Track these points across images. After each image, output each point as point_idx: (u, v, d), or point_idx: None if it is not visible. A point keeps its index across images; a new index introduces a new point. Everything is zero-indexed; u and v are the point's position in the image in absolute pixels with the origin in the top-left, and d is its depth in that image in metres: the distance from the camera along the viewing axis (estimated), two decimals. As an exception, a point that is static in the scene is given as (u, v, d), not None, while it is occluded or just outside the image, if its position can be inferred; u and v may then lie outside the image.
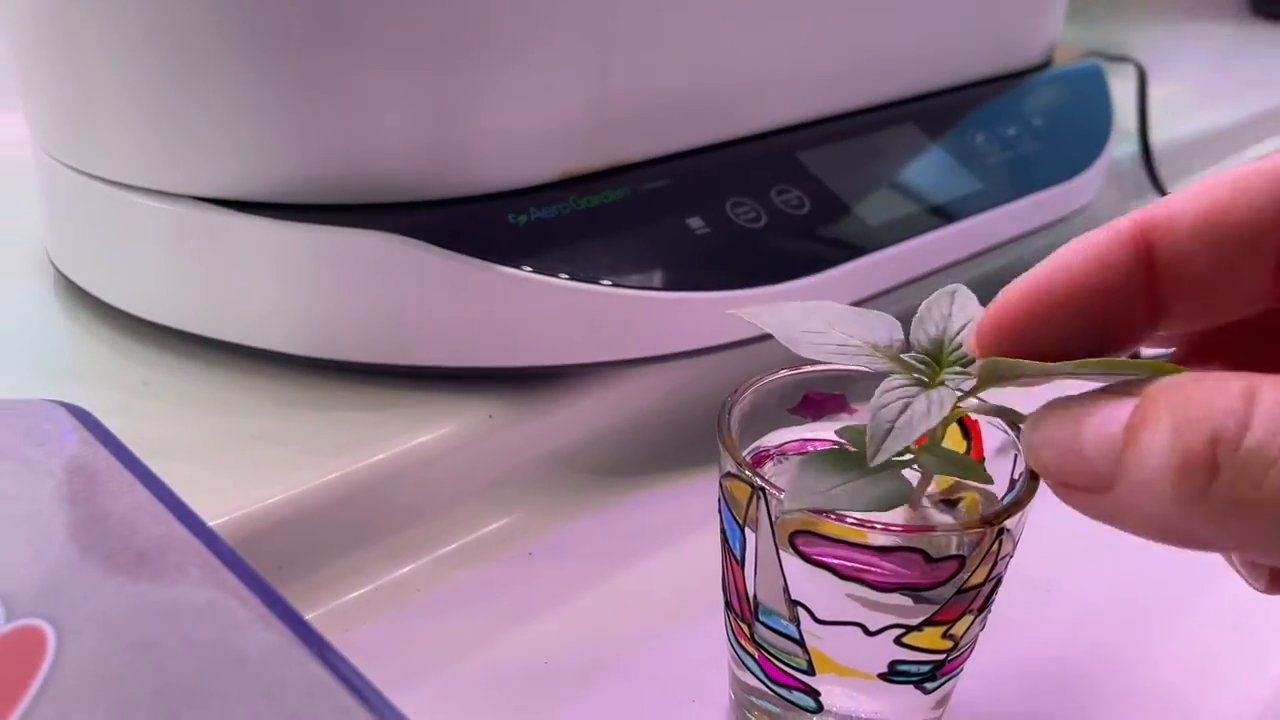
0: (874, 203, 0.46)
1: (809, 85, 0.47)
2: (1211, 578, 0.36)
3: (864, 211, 0.45)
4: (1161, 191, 0.66)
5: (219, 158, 0.36)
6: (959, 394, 0.23)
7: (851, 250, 0.43)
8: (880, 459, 0.22)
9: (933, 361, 0.25)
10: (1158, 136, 0.67)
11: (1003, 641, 0.32)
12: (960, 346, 0.25)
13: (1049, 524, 0.36)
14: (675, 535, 0.36)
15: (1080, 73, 0.60)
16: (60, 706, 0.17)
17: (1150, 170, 0.65)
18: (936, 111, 0.52)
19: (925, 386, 0.24)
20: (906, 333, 0.27)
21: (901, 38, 0.50)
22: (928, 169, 0.49)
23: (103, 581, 0.19)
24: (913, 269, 0.45)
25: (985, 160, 0.51)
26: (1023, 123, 0.54)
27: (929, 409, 0.23)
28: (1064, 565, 0.36)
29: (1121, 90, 0.68)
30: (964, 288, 0.27)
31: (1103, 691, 0.32)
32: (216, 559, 0.20)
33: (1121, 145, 0.67)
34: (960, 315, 0.26)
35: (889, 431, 0.23)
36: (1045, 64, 0.61)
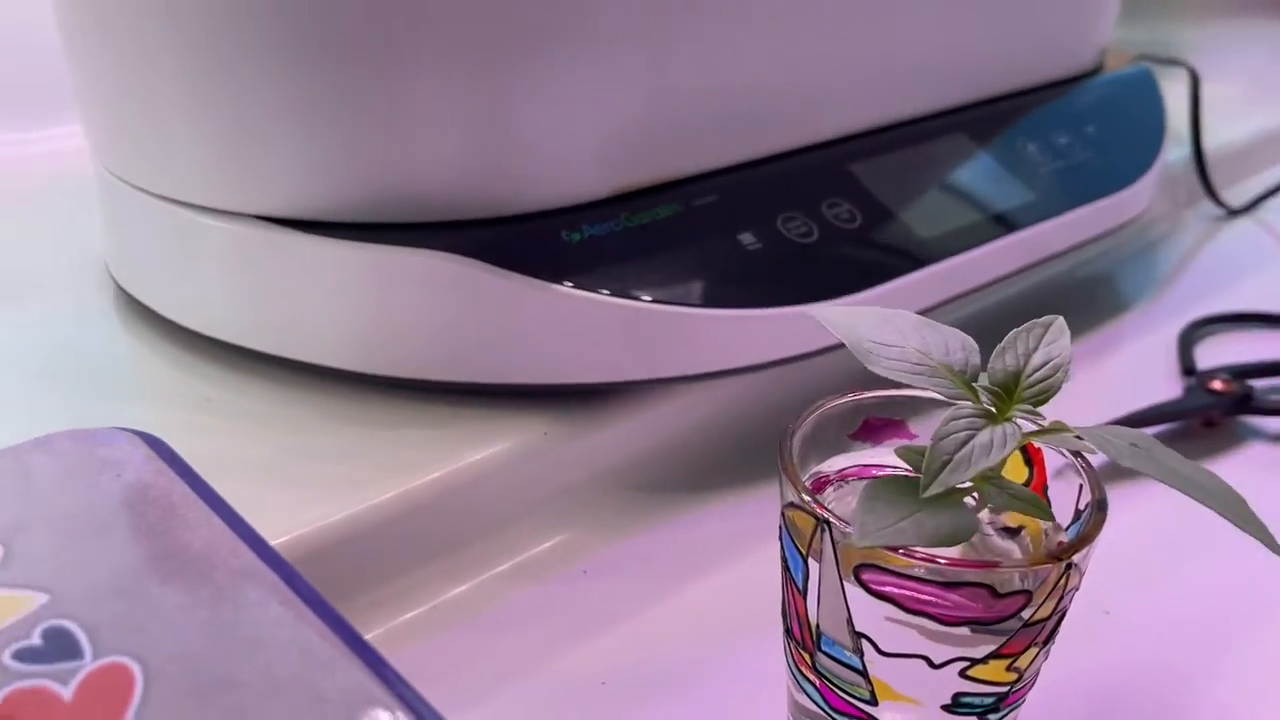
0: (926, 215, 0.45)
1: (860, 96, 0.47)
2: (1273, 601, 0.36)
3: (916, 224, 0.45)
4: (1215, 198, 0.65)
5: (280, 177, 0.36)
6: (1023, 434, 0.23)
7: (904, 264, 0.43)
8: (934, 491, 0.22)
9: (1004, 395, 0.25)
10: (1210, 140, 0.66)
11: (1063, 664, 0.32)
12: (1036, 384, 0.25)
13: (1110, 548, 0.36)
14: (731, 553, 0.36)
15: (1132, 78, 0.60)
16: (150, 746, 0.17)
17: (1203, 176, 0.64)
18: (987, 120, 0.52)
19: (992, 420, 0.24)
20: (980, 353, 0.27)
21: (953, 47, 0.50)
22: (980, 179, 0.49)
23: (185, 617, 0.20)
24: (966, 282, 0.45)
25: (1037, 170, 0.51)
26: (1075, 131, 0.54)
27: (991, 446, 0.23)
28: (1124, 588, 0.36)
29: (1174, 92, 0.67)
30: (1060, 321, 0.27)
31: (1158, 711, 0.31)
32: (295, 594, 0.20)
33: (1174, 149, 0.66)
34: (1044, 353, 0.26)
35: (946, 464, 0.23)
36: (1096, 69, 0.60)
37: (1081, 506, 0.26)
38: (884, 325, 0.27)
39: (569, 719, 0.31)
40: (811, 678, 0.27)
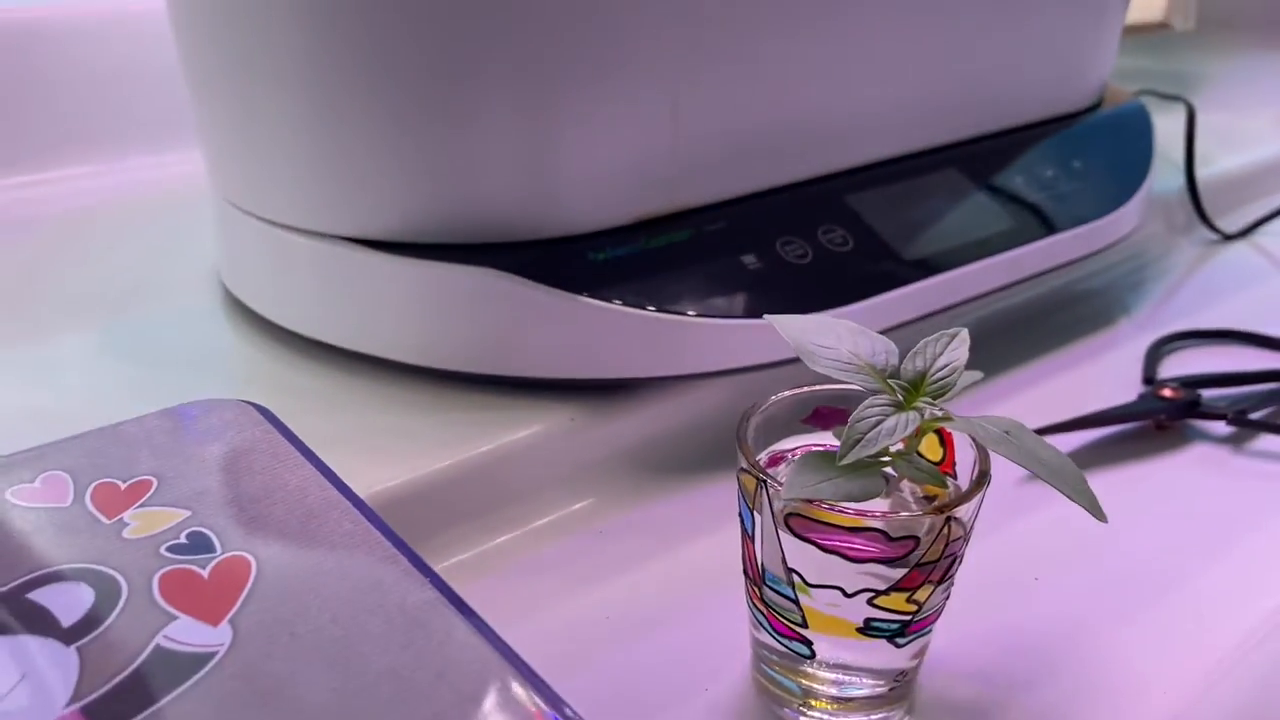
0: (912, 239, 0.52)
1: (861, 135, 0.54)
2: (1180, 578, 0.42)
3: (902, 248, 0.51)
4: (1209, 224, 0.70)
5: (361, 205, 0.44)
6: (923, 419, 0.30)
7: (888, 282, 0.50)
8: (847, 461, 0.29)
9: (912, 389, 0.32)
10: (1211, 169, 0.71)
11: (986, 618, 0.39)
12: (938, 381, 0.32)
13: (1044, 524, 0.43)
14: (719, 523, 0.43)
15: (1126, 114, 0.65)
16: (262, 607, 0.25)
17: (1197, 204, 0.69)
18: (982, 156, 0.58)
19: (900, 409, 0.31)
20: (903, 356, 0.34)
21: (955, 91, 0.56)
22: (966, 209, 0.55)
23: (286, 529, 0.28)
24: (944, 299, 0.52)
25: (1024, 200, 0.57)
26: (1064, 165, 0.60)
27: (895, 428, 0.30)
28: (1052, 560, 0.42)
29: (1175, 123, 0.73)
30: (964, 332, 0.34)
31: (1068, 658, 0.38)
32: (363, 517, 0.28)
33: (1175, 179, 0.71)
34: (947, 356, 0.33)
35: (858, 441, 0.30)
36: (1096, 105, 0.66)
37: (975, 475, 0.33)
38: (826, 332, 0.34)
39: (581, 645, 0.38)
40: (761, 608, 0.34)
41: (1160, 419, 0.50)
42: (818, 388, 0.36)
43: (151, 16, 0.64)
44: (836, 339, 0.33)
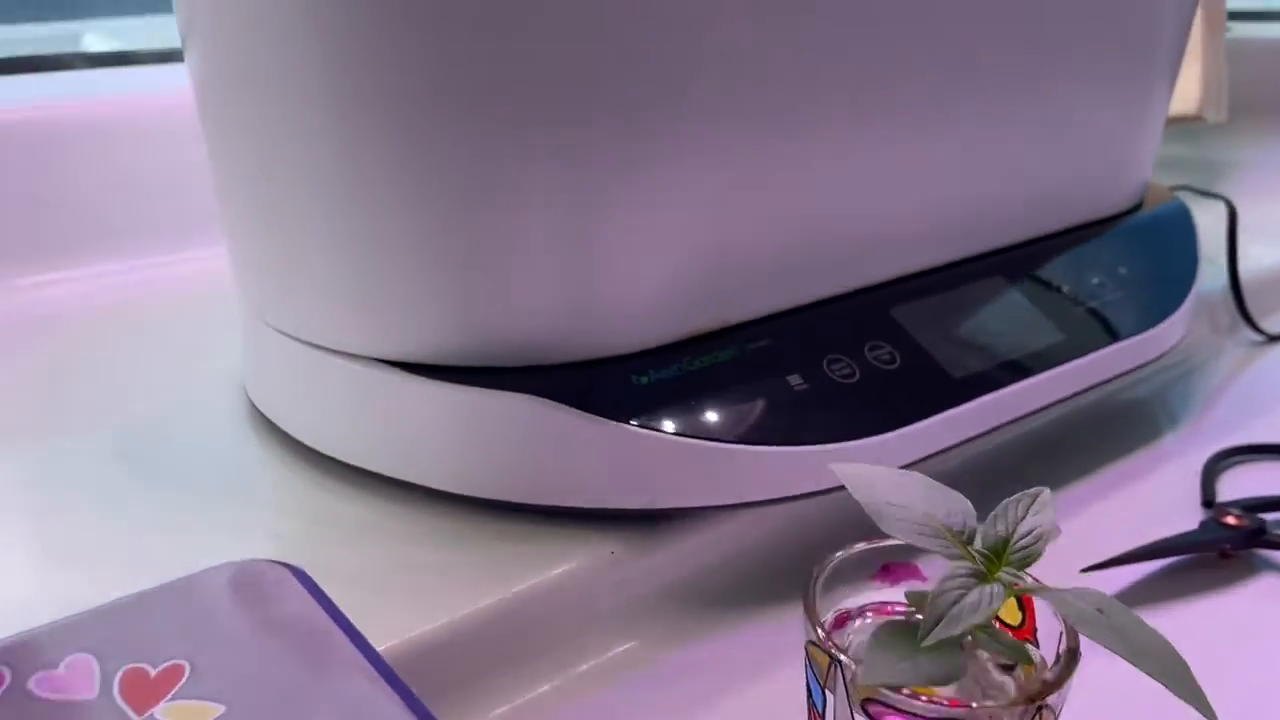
0: (961, 355, 0.50)
1: (905, 246, 0.52)
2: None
3: (951, 365, 0.50)
4: (1254, 325, 0.68)
5: (394, 327, 0.43)
6: (1008, 593, 0.28)
7: (938, 403, 0.48)
8: (930, 642, 0.27)
9: (994, 558, 0.30)
10: (1248, 265, 0.70)
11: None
12: (1021, 550, 0.30)
13: (1104, 668, 0.40)
14: (774, 665, 0.41)
15: (1167, 216, 0.64)
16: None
17: (1241, 307, 0.68)
18: (1025, 261, 0.56)
19: (982, 580, 0.29)
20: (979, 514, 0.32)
21: (999, 198, 0.55)
22: (1013, 321, 0.53)
23: (329, 728, 0.26)
24: (998, 418, 0.50)
25: (1070, 310, 0.55)
26: (1109, 271, 0.58)
27: (979, 604, 0.28)
28: (1118, 713, 0.40)
29: (1211, 216, 0.71)
30: (1046, 493, 0.32)
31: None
32: (411, 713, 0.26)
33: (1214, 277, 0.70)
34: (1030, 520, 0.31)
35: (941, 618, 0.28)
36: (1137, 206, 0.65)
37: (1062, 650, 0.30)
38: (897, 488, 0.32)
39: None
40: (830, 788, 0.31)
41: (1225, 548, 0.47)
42: (885, 543, 0.34)
43: (177, 113, 0.63)
44: (909, 497, 0.32)
